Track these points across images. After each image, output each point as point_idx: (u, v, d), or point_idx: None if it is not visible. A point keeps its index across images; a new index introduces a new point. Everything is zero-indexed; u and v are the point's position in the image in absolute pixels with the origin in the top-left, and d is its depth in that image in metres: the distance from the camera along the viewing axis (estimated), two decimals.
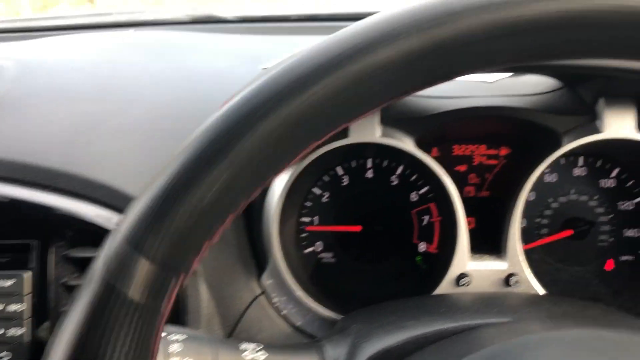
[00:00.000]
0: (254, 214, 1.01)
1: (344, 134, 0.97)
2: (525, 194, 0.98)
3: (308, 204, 1.11)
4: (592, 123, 0.96)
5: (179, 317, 0.89)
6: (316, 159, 0.99)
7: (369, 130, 0.97)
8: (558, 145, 0.96)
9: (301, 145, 0.43)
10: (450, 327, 0.74)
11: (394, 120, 1.00)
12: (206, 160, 0.41)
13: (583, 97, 1.01)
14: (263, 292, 0.99)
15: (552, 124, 0.98)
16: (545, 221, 1.09)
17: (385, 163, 1.11)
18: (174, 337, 0.69)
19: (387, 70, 0.41)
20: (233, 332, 0.93)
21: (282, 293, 0.98)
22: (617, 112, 0.94)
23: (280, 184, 0.98)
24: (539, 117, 0.99)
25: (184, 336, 0.69)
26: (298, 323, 0.99)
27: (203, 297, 0.89)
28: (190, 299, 0.88)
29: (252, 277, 0.99)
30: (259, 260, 1.01)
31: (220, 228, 0.44)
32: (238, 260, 0.97)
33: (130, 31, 1.52)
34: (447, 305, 0.82)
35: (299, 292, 0.98)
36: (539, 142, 1.02)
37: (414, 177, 1.10)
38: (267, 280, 0.99)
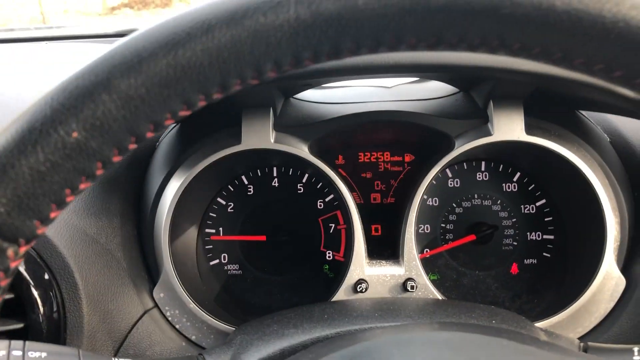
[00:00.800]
0: (145, 224, 0.98)
1: (237, 139, 0.95)
2: (418, 199, 0.98)
3: (212, 214, 1.09)
4: (483, 126, 0.97)
5: (58, 333, 0.85)
6: (214, 166, 0.96)
7: (262, 137, 0.95)
8: (451, 149, 0.96)
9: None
10: (328, 333, 0.72)
11: (288, 126, 0.99)
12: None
13: (476, 101, 1.01)
14: (155, 306, 0.95)
15: (445, 128, 0.98)
16: (449, 226, 1.08)
17: (290, 171, 1.10)
18: (33, 354, 0.65)
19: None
20: (120, 347, 0.89)
21: (175, 306, 0.95)
22: (506, 115, 0.94)
23: (170, 193, 0.95)
24: (432, 121, 0.99)
25: (44, 354, 0.65)
26: (192, 337, 0.95)
27: (84, 311, 0.85)
28: (70, 314, 0.84)
29: (144, 290, 0.95)
30: (151, 273, 0.98)
31: (66, 190, 0.40)
32: (127, 273, 0.93)
33: (43, 44, 1.49)
34: (332, 312, 0.80)
35: (192, 305, 0.94)
36: (435, 146, 1.02)
37: (319, 185, 1.09)
38: (159, 294, 0.95)
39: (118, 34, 1.66)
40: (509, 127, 0.94)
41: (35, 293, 0.84)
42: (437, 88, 1.09)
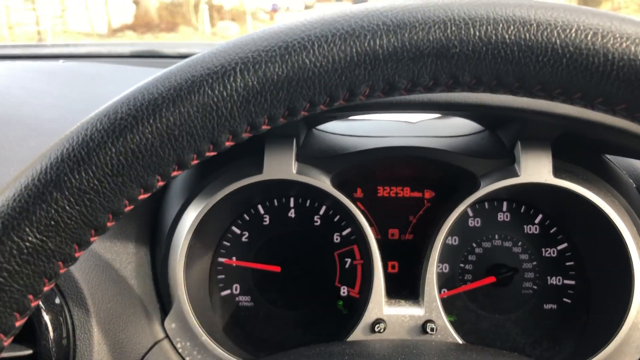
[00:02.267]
0: (159, 252, 0.95)
1: (259, 169, 0.94)
2: (441, 238, 0.95)
3: (226, 243, 1.06)
4: (510, 167, 0.95)
5: (67, 358, 0.82)
6: (232, 195, 0.94)
7: (285, 167, 0.94)
8: (476, 188, 0.94)
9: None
10: None
11: (310, 157, 0.97)
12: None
13: (503, 141, 1.00)
14: (166, 337, 0.92)
15: (470, 167, 0.97)
16: (469, 267, 1.06)
17: (308, 202, 1.08)
18: None
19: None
20: None
21: (187, 338, 0.92)
22: (534, 156, 0.93)
23: (187, 221, 0.93)
24: (457, 159, 0.97)
25: None
26: None
27: (95, 340, 0.82)
28: (80, 341, 0.81)
29: (155, 320, 0.92)
30: (163, 302, 0.95)
31: (29, 296, 0.39)
32: (139, 302, 0.90)
33: (60, 62, 1.49)
34: (352, 352, 0.77)
35: (205, 337, 0.91)
36: (458, 185, 1.01)
37: (337, 218, 1.07)
38: (170, 324, 0.92)
39: (134, 54, 1.66)
40: (537, 169, 0.92)
41: (46, 317, 0.81)
42: (462, 125, 1.08)
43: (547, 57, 0.36)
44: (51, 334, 0.81)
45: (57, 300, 0.83)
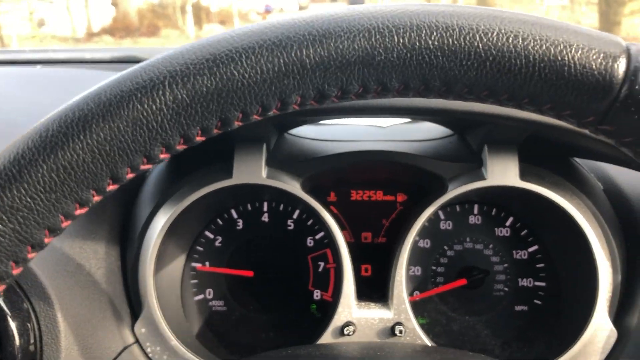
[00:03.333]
0: (130, 257, 0.95)
1: (228, 174, 0.94)
2: (410, 240, 0.96)
3: (199, 248, 1.07)
4: (477, 170, 0.96)
5: None
6: (203, 200, 0.95)
7: (254, 172, 0.94)
8: (444, 192, 0.95)
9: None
10: None
11: (281, 162, 0.98)
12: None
13: (471, 144, 1.01)
14: (136, 341, 0.92)
15: (439, 170, 0.98)
16: (440, 269, 1.07)
17: (281, 207, 1.08)
18: None
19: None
20: None
21: (157, 342, 0.92)
22: (500, 160, 0.94)
23: (157, 226, 0.93)
24: (425, 163, 0.98)
25: None
26: None
27: (62, 346, 0.82)
28: (47, 347, 0.81)
29: (125, 325, 0.92)
30: (133, 307, 0.95)
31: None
32: (109, 307, 0.90)
33: (37, 67, 1.48)
34: (318, 355, 0.78)
35: (174, 342, 0.92)
36: (428, 188, 1.01)
37: (310, 222, 1.07)
38: (140, 329, 0.92)
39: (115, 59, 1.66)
40: (503, 172, 0.93)
41: (12, 324, 0.81)
42: (431, 129, 1.09)
43: (471, 61, 0.37)
44: (17, 340, 0.81)
45: (25, 306, 0.83)
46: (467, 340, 1.03)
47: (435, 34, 0.37)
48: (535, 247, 1.06)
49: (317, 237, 1.07)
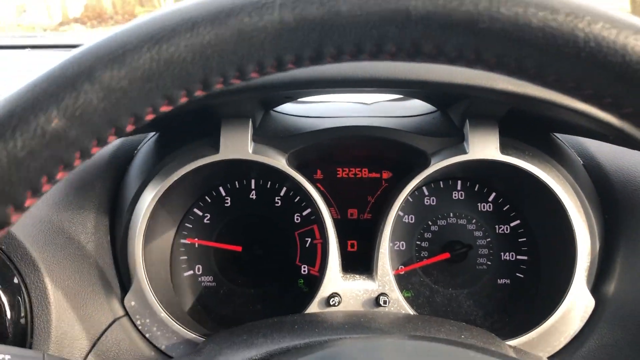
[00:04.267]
0: (119, 231, 0.97)
1: (215, 149, 0.96)
2: (393, 215, 0.98)
3: (188, 225, 1.08)
4: (459, 144, 0.98)
5: (25, 338, 0.83)
6: (191, 176, 0.96)
7: (241, 147, 0.96)
8: (426, 166, 0.97)
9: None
10: (297, 343, 0.72)
11: (267, 137, 0.99)
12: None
13: (453, 120, 1.03)
14: (126, 314, 0.94)
15: (421, 145, 0.99)
16: (425, 244, 1.09)
17: (268, 184, 1.10)
18: None
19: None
20: (88, 355, 0.87)
21: (146, 315, 0.94)
22: (481, 134, 0.96)
23: (145, 201, 0.95)
24: (408, 138, 1.00)
25: (7, 356, 0.64)
26: (162, 346, 0.94)
27: (53, 318, 0.84)
28: (38, 319, 0.83)
29: (115, 298, 0.94)
30: (123, 281, 0.97)
31: (43, 179, 0.40)
32: (99, 280, 0.92)
33: (26, 51, 1.49)
34: (302, 323, 0.80)
35: (164, 314, 0.94)
36: (411, 163, 1.03)
37: (297, 199, 1.09)
38: (130, 302, 0.94)
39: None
40: (484, 146, 0.95)
41: (3, 298, 0.83)
42: (415, 106, 1.11)
43: (569, 49, 0.38)
44: (8, 313, 0.83)
45: (15, 280, 0.84)
46: (450, 311, 1.06)
47: (540, 13, 0.38)
48: (517, 222, 1.08)
49: (304, 213, 1.09)
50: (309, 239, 1.10)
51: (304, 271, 1.09)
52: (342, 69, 0.80)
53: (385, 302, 0.96)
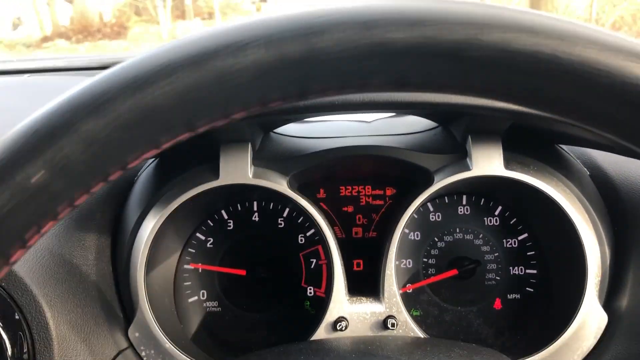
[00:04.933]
0: (120, 261, 0.96)
1: (215, 175, 0.94)
2: (398, 234, 0.97)
3: (191, 250, 1.07)
4: (462, 161, 0.96)
5: None
6: (192, 202, 0.95)
7: (241, 172, 0.94)
8: (430, 184, 0.96)
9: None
10: None
11: (267, 160, 0.98)
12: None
13: (455, 136, 1.01)
14: (130, 346, 0.93)
15: (424, 163, 0.98)
16: (432, 261, 1.07)
17: (271, 206, 1.09)
18: None
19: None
20: None
21: (151, 346, 0.93)
22: (484, 149, 0.94)
23: (146, 230, 0.94)
24: (410, 156, 0.99)
25: None
26: None
27: (55, 353, 0.83)
28: (40, 355, 0.82)
29: (119, 329, 0.93)
30: (126, 312, 0.95)
31: (29, 232, 0.40)
32: (102, 313, 0.91)
33: (24, 77, 1.48)
34: (309, 352, 0.78)
35: (168, 345, 0.92)
36: (414, 181, 1.02)
37: (300, 220, 1.08)
38: (134, 333, 0.93)
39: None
40: (488, 162, 0.94)
41: (4, 335, 0.82)
42: (416, 122, 1.09)
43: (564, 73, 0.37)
44: (10, 350, 0.81)
45: (16, 316, 0.83)
46: (460, 330, 1.04)
47: (532, 39, 0.37)
48: (524, 235, 1.06)
49: (308, 234, 1.08)
50: (314, 260, 1.08)
51: (310, 293, 1.08)
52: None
53: (393, 324, 0.94)
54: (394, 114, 1.14)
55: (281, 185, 0.96)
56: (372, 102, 0.80)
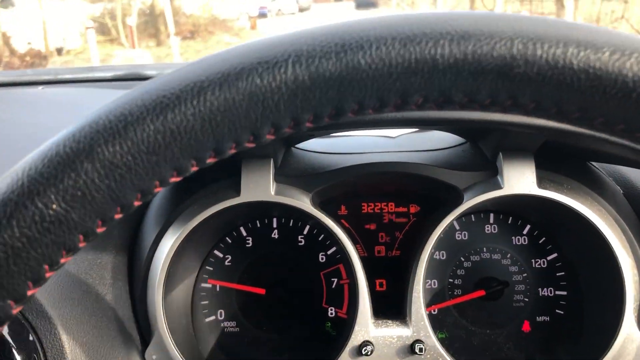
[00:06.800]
0: (137, 280, 0.93)
1: (236, 192, 0.91)
2: (427, 254, 0.93)
3: (209, 268, 1.04)
4: (493, 179, 0.93)
5: None
6: (211, 219, 0.92)
7: (262, 189, 0.91)
8: (460, 202, 0.92)
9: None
10: None
11: (289, 177, 0.95)
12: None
13: (485, 152, 0.98)
14: None
15: (452, 180, 0.94)
16: (458, 282, 1.03)
17: (291, 223, 1.05)
18: None
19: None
20: None
21: None
22: (516, 167, 0.90)
23: (164, 249, 0.90)
24: (438, 173, 0.95)
25: None
26: None
27: None
28: None
29: (135, 351, 0.90)
30: (143, 333, 0.92)
31: (45, 266, 0.37)
32: (118, 334, 0.88)
33: (39, 88, 1.47)
34: None
35: None
36: (442, 199, 0.98)
37: (321, 237, 1.05)
38: (151, 356, 0.90)
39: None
40: (520, 180, 0.90)
41: (17, 357, 0.78)
42: (443, 138, 1.06)
43: (616, 90, 0.34)
44: None
45: (31, 337, 0.80)
46: (489, 354, 1.00)
47: (582, 53, 0.34)
48: (554, 255, 1.02)
49: (329, 252, 1.04)
50: (335, 279, 1.05)
51: (331, 314, 1.04)
52: None
53: (421, 349, 0.90)
54: (418, 129, 1.11)
55: (304, 202, 0.93)
56: (405, 118, 0.76)
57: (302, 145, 1.05)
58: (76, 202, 0.36)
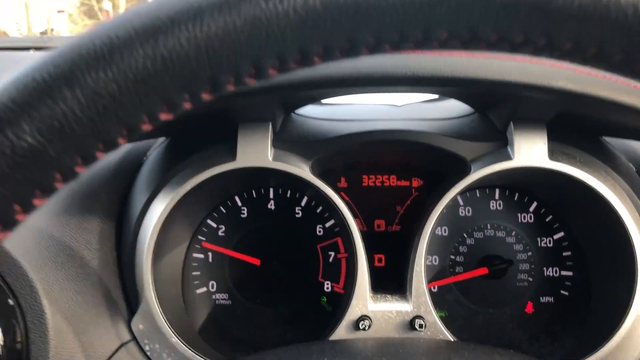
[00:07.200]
0: (126, 246, 0.88)
1: (232, 156, 0.87)
2: (429, 228, 0.89)
3: (201, 237, 0.99)
4: (502, 149, 0.88)
5: None
6: (204, 185, 0.87)
7: (260, 154, 0.87)
8: (466, 174, 0.88)
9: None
10: None
11: (288, 143, 0.90)
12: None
13: (494, 123, 0.93)
14: (133, 338, 0.85)
15: (460, 150, 0.90)
16: (460, 259, 0.99)
17: (288, 193, 1.01)
18: None
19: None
20: None
21: (156, 340, 0.85)
22: (528, 138, 0.86)
23: (154, 215, 0.86)
24: (445, 142, 0.91)
25: None
26: None
27: (51, 344, 0.75)
28: (34, 345, 0.74)
29: (121, 321, 0.85)
30: (130, 302, 0.88)
31: (15, 207, 0.32)
32: (103, 302, 0.83)
33: (30, 52, 1.41)
34: (332, 353, 0.70)
35: (175, 339, 0.84)
36: (447, 171, 0.94)
37: (319, 209, 1.00)
38: (138, 325, 0.85)
39: None
40: (531, 152, 0.86)
41: None
42: (450, 108, 1.01)
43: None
44: (1, 338, 0.74)
45: (10, 302, 0.76)
46: (491, 334, 0.96)
47: None
48: (561, 234, 0.98)
49: (327, 225, 1.00)
50: (333, 253, 1.00)
51: (327, 288, 1.00)
52: (379, 64, 0.71)
53: (421, 325, 0.86)
54: (425, 97, 1.06)
55: (303, 170, 0.88)
56: (417, 76, 0.71)
57: (302, 111, 1.00)
58: (53, 135, 0.31)
